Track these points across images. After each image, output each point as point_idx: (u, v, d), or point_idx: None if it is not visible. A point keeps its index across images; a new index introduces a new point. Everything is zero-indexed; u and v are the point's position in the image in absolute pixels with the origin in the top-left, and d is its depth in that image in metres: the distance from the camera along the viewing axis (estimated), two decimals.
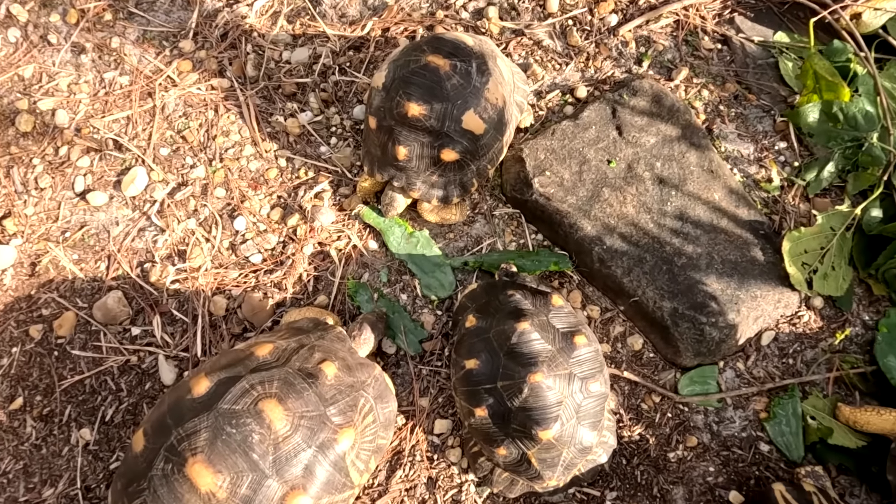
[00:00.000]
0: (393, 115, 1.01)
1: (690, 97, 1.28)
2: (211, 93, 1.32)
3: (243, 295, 1.15)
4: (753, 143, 1.25)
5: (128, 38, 1.39)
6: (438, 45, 1.00)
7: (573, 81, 1.31)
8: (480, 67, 1.01)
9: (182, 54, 1.36)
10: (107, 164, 1.26)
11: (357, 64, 1.34)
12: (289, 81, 1.32)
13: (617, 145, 1.19)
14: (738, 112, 1.27)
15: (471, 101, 0.99)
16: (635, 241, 1.11)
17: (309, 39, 1.38)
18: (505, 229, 1.21)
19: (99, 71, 1.35)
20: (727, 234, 1.12)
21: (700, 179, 1.17)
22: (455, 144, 1.01)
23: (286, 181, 1.25)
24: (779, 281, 1.09)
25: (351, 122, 1.30)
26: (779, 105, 1.28)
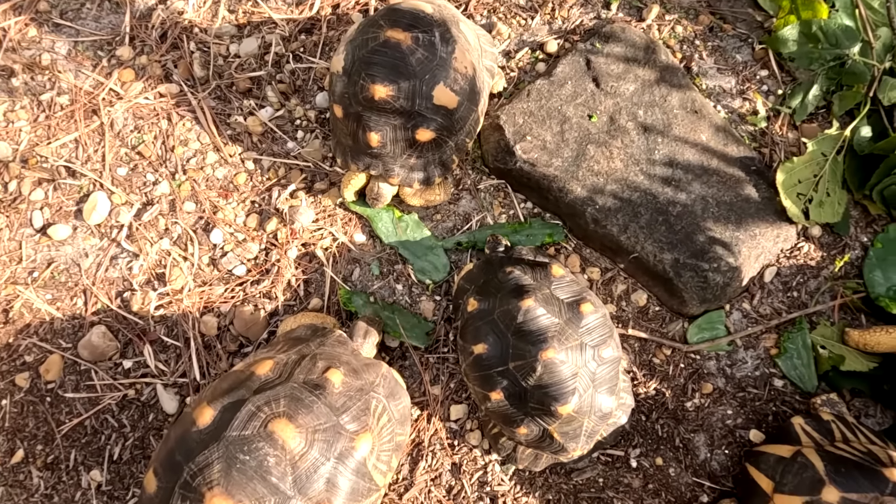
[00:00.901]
0: (359, 100, 0.95)
1: (665, 36, 1.23)
2: (160, 101, 1.23)
3: (233, 310, 1.10)
4: (734, 75, 1.20)
5: (58, 52, 1.28)
6: (396, 18, 0.93)
7: (541, 36, 1.24)
8: (444, 36, 0.94)
9: (121, 63, 1.26)
10: (63, 193, 1.18)
11: (311, 48, 1.26)
12: (242, 77, 1.23)
13: (596, 98, 1.14)
14: (715, 45, 1.22)
15: (439, 74, 0.93)
16: (627, 197, 1.07)
17: (255, 28, 1.29)
18: (493, 202, 1.17)
19: (34, 93, 1.25)
20: (719, 175, 1.09)
21: (685, 122, 1.12)
22: (429, 122, 0.96)
23: (257, 184, 1.18)
24: (776, 216, 1.07)
25: (315, 112, 1.22)
26: (756, 32, 1.23)
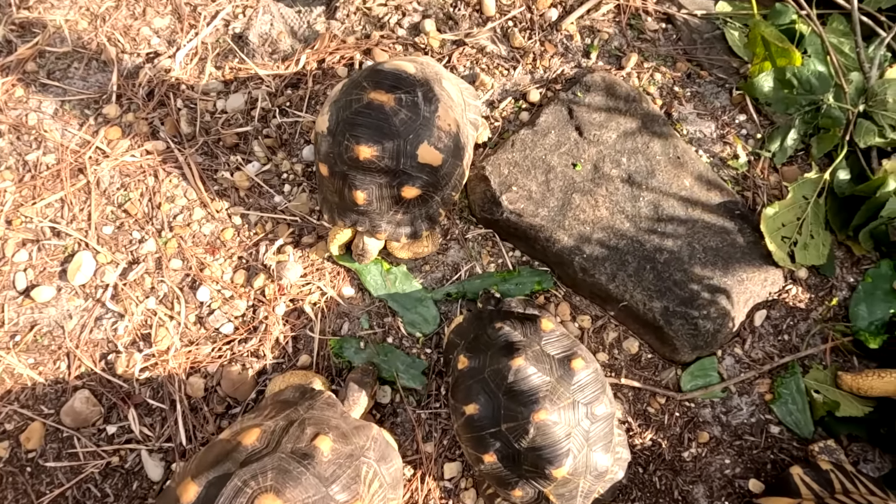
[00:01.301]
0: (343, 159, 0.95)
1: (644, 83, 1.25)
2: (147, 158, 1.23)
3: (220, 370, 1.08)
4: (713, 120, 1.22)
5: (45, 112, 1.28)
6: (379, 80, 0.94)
7: (524, 85, 1.26)
8: (427, 95, 0.95)
9: (108, 121, 1.27)
10: (47, 254, 1.17)
11: (297, 102, 1.27)
12: (228, 132, 1.24)
13: (579, 147, 1.15)
14: (694, 91, 1.25)
15: (423, 133, 0.94)
16: (614, 245, 1.08)
17: (242, 83, 1.30)
18: (481, 251, 1.16)
19: (20, 154, 1.25)
20: (704, 220, 1.10)
21: (668, 169, 1.14)
22: (414, 180, 0.96)
23: (244, 240, 1.18)
24: (762, 259, 1.08)
25: (302, 165, 1.23)
26: (732, 77, 1.26)
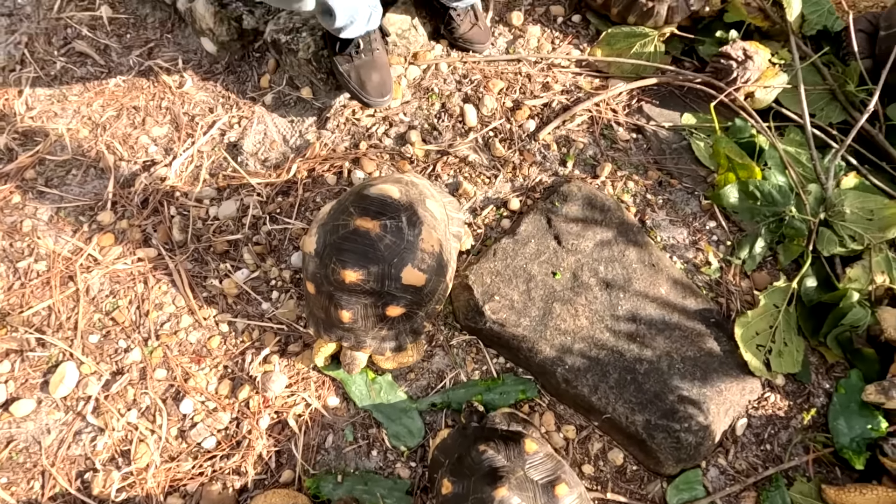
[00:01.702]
0: (330, 280, 0.98)
1: (618, 192, 1.32)
2: (138, 265, 1.26)
3: (200, 490, 1.06)
4: (686, 227, 1.29)
5: (40, 218, 1.32)
6: (365, 205, 0.99)
7: (505, 193, 1.33)
8: (411, 219, 1.00)
9: (102, 228, 1.30)
10: (30, 365, 1.17)
11: (287, 209, 1.32)
12: (219, 240, 1.28)
13: (558, 255, 1.20)
14: (666, 198, 1.32)
15: (407, 256, 0.98)
16: (595, 356, 1.10)
17: (234, 191, 1.35)
18: (465, 358, 1.18)
19: (12, 261, 1.27)
20: (681, 329, 1.14)
21: (644, 276, 1.19)
22: (398, 300, 0.99)
23: (231, 348, 1.19)
24: (739, 369, 1.11)
25: (290, 272, 1.26)
26: (700, 185, 1.33)
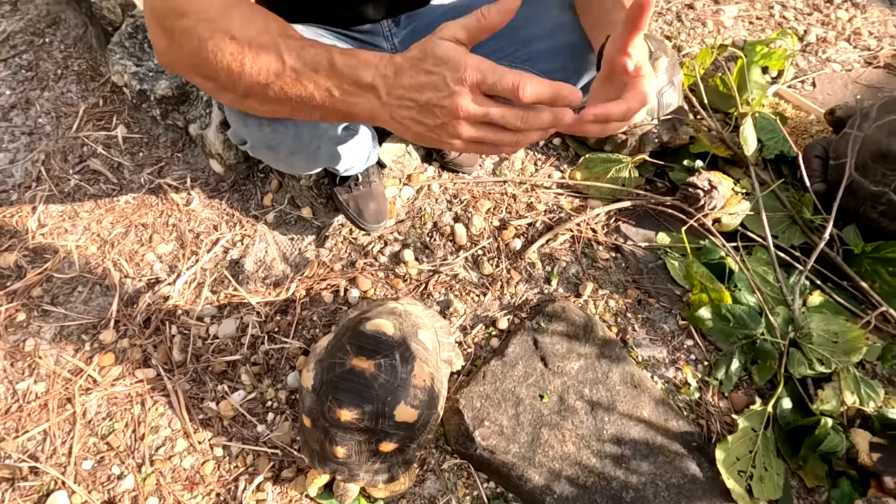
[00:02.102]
0: (326, 418, 1.02)
1: (600, 311, 1.40)
2: (136, 385, 1.29)
3: None
4: (665, 345, 1.36)
5: (43, 337, 1.36)
6: (361, 344, 1.05)
7: (493, 311, 1.40)
8: (404, 355, 1.06)
9: (103, 347, 1.34)
10: (21, 494, 1.16)
11: (285, 328, 1.38)
12: (218, 360, 1.32)
13: (545, 378, 1.25)
14: (645, 317, 1.40)
15: (400, 394, 1.02)
16: (583, 483, 1.13)
17: (235, 308, 1.41)
18: (457, 482, 1.20)
19: (11, 382, 1.29)
20: (664, 453, 1.18)
21: (627, 398, 1.24)
22: (392, 437, 1.03)
23: (224, 474, 1.20)
24: (722, 496, 1.14)
25: (286, 393, 1.29)
26: (677, 305, 1.42)
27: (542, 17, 1.03)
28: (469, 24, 0.53)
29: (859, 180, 1.46)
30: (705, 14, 2.19)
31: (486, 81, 0.51)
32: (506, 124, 0.53)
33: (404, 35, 1.17)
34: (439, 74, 0.53)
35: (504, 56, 1.08)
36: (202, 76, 0.68)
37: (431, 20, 1.16)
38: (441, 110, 0.54)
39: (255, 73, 0.63)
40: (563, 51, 1.02)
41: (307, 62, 0.62)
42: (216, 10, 0.65)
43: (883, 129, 1.45)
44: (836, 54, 2.11)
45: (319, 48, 0.62)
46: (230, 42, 0.63)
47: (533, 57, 1.05)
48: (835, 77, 2.01)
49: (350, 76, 0.60)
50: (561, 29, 1.01)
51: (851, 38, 2.17)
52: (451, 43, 0.53)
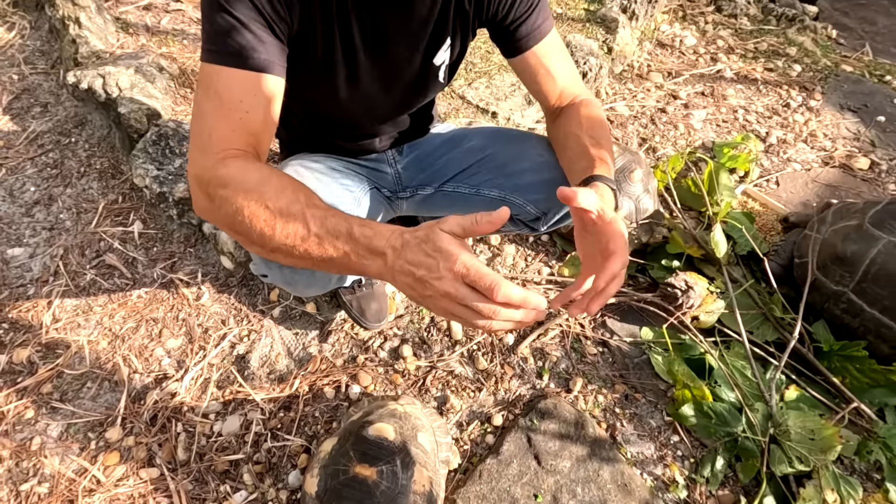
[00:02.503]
0: None
1: (590, 406, 1.47)
2: (139, 486, 1.31)
3: None
4: (652, 441, 1.42)
5: (50, 435, 1.39)
6: (364, 451, 1.11)
7: (488, 407, 1.46)
8: (405, 461, 1.11)
9: (109, 445, 1.37)
10: None
11: (288, 424, 1.42)
12: (221, 459, 1.35)
13: (539, 476, 1.30)
14: (632, 412, 1.46)
15: (401, 501, 1.07)
16: None
17: (239, 405, 1.46)
18: None
19: (15, 483, 1.31)
20: None
21: (618, 497, 1.28)
22: None
23: None
24: None
25: (287, 493, 1.32)
26: (662, 400, 1.49)
27: (528, 154, 1.18)
28: (465, 224, 0.65)
29: (821, 279, 1.59)
30: (677, 118, 2.42)
31: (469, 276, 0.62)
32: (479, 311, 0.63)
33: (406, 162, 1.31)
34: (435, 260, 0.64)
35: (495, 185, 1.22)
36: (235, 232, 0.80)
37: (431, 149, 1.31)
38: (430, 287, 0.65)
39: (283, 236, 0.75)
40: (548, 185, 1.16)
41: (329, 230, 0.73)
42: (253, 183, 0.77)
43: (838, 234, 1.60)
44: (795, 154, 2.32)
45: (340, 218, 0.74)
46: (264, 210, 0.75)
47: (521, 188, 1.19)
48: (796, 176, 2.21)
49: (365, 244, 0.71)
50: (544, 166, 1.16)
51: (808, 139, 2.40)
52: (450, 236, 0.65)
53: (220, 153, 0.80)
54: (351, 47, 0.95)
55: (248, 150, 0.82)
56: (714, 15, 3.15)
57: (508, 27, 1.04)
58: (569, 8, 2.81)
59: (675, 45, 2.88)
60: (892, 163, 2.31)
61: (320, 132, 1.20)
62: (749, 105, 2.55)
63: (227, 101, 0.80)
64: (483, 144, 1.26)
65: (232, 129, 0.81)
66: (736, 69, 2.76)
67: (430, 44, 1.01)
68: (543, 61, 1.07)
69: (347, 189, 1.14)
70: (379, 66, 1.01)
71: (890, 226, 1.53)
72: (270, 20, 0.81)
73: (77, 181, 1.99)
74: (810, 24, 3.17)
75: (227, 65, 0.80)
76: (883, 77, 2.87)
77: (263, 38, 0.81)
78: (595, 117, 1.07)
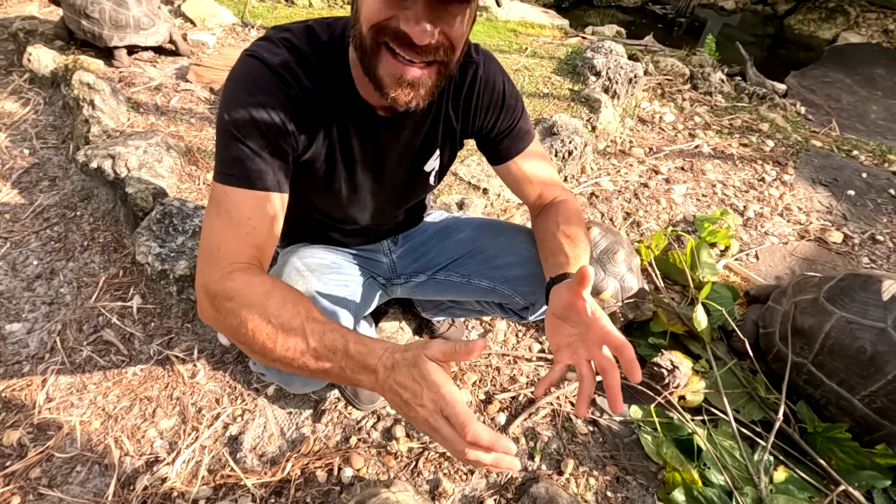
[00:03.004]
0: None
1: (581, 489, 1.48)
2: None
3: None
4: None
5: None
6: None
7: (480, 490, 1.46)
8: None
9: None
10: None
11: None
12: None
13: None
14: (624, 496, 1.47)
15: None
16: None
17: (230, 489, 1.45)
18: None
19: None
20: None
21: None
22: None
23: None
24: None
25: None
26: (653, 482, 1.50)
27: (515, 249, 1.26)
28: (447, 351, 0.71)
29: (783, 350, 1.66)
30: (659, 192, 2.55)
31: (446, 410, 0.68)
32: (453, 445, 0.68)
33: (401, 252, 1.39)
34: (420, 386, 0.70)
35: (485, 276, 1.29)
36: (239, 343, 0.84)
37: (424, 239, 1.39)
38: (414, 410, 0.71)
39: (284, 350, 0.80)
40: (535, 279, 1.23)
41: (327, 345, 0.78)
42: (257, 297, 0.83)
43: (797, 307, 1.68)
44: (772, 227, 2.44)
45: (337, 334, 0.79)
46: (267, 324, 0.80)
47: (510, 280, 1.26)
48: (774, 249, 2.31)
49: (360, 360, 0.76)
50: (530, 261, 1.23)
51: (784, 212, 2.53)
52: (435, 365, 0.70)
53: (227, 266, 0.86)
54: (350, 162, 1.04)
55: (252, 262, 0.88)
56: (691, 92, 3.38)
57: (493, 139, 1.14)
58: (555, 88, 3.01)
59: (655, 121, 3.07)
60: (864, 236, 2.43)
61: (320, 226, 1.27)
62: (727, 179, 2.69)
63: (237, 219, 0.87)
64: (473, 236, 1.34)
65: (239, 244, 0.87)
66: (713, 144, 2.93)
67: (420, 155, 1.11)
68: (524, 169, 1.17)
69: (345, 284, 1.20)
70: (375, 176, 1.10)
71: (842, 301, 1.60)
72: (278, 147, 0.89)
73: (80, 255, 2.04)
74: (780, 102, 3.39)
75: (238, 186, 0.88)
76: (850, 152, 3.05)
77: (271, 162, 0.89)
78: (572, 217, 1.15)
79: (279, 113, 0.88)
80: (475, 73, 1.03)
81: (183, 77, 2.62)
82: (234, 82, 0.87)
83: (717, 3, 5.88)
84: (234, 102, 0.86)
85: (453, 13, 0.77)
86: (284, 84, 0.88)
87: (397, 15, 0.76)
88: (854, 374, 1.52)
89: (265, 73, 0.86)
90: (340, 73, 0.92)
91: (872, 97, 3.88)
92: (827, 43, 5.03)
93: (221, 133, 0.88)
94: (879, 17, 5.25)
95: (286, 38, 0.90)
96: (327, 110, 0.95)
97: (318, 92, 0.92)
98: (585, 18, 5.25)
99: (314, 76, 0.91)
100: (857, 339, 1.52)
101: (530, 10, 4.23)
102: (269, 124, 0.87)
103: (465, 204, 2.09)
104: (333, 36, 0.92)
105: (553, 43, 3.62)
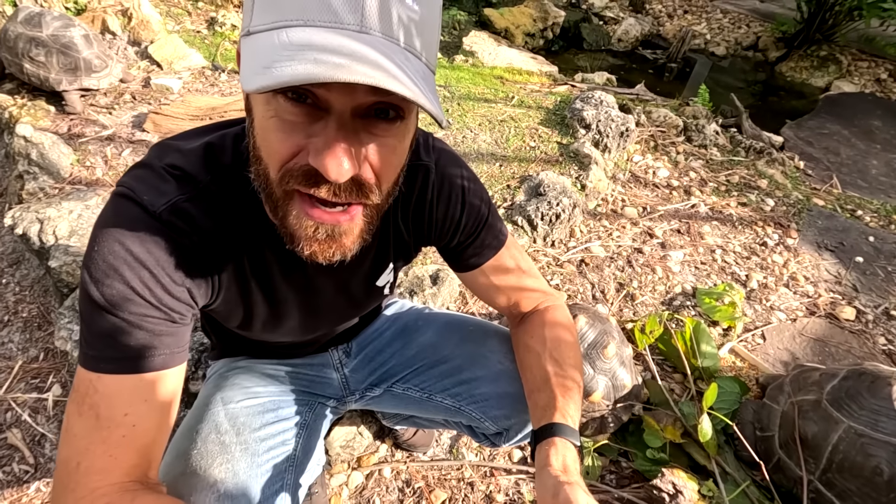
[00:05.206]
0: None
1: None
2: None
3: None
4: None
5: None
6: None
7: None
8: None
9: None
10: None
11: None
12: None
13: None
14: None
15: None
16: None
17: None
18: None
19: None
20: None
21: None
22: None
23: None
24: None
25: None
26: None
27: (486, 360, 1.03)
28: None
29: (785, 461, 1.43)
30: (654, 259, 2.34)
31: None
32: None
33: (354, 364, 1.15)
34: None
35: (448, 393, 1.05)
36: None
37: (381, 346, 1.16)
38: None
39: None
40: (509, 400, 1.00)
41: None
42: None
43: (797, 410, 1.45)
44: (778, 300, 2.23)
45: None
46: None
47: (478, 400, 1.02)
48: (782, 328, 2.10)
49: None
50: (503, 376, 1.00)
51: (790, 283, 2.33)
52: None
53: (87, 494, 0.61)
54: (275, 303, 0.83)
55: (127, 479, 0.64)
56: (685, 145, 3.23)
57: (454, 249, 0.93)
58: (542, 141, 2.84)
59: (648, 176, 2.89)
60: (877, 311, 2.22)
61: (254, 341, 1.04)
62: (726, 244, 2.50)
63: (107, 418, 0.62)
64: (436, 341, 1.11)
65: (110, 455, 0.63)
66: (710, 203, 2.75)
67: (371, 275, 0.90)
68: (492, 279, 0.96)
69: (283, 440, 0.95)
70: (311, 309, 0.89)
71: (848, 407, 1.38)
72: (168, 311, 0.66)
73: None
74: (778, 157, 3.25)
75: (110, 372, 0.64)
76: (854, 212, 2.89)
77: (160, 330, 0.66)
78: (559, 330, 0.94)
79: (167, 271, 0.65)
80: (425, 178, 0.83)
81: (139, 126, 2.42)
82: (103, 236, 0.62)
83: (708, 49, 5.86)
84: (102, 265, 0.62)
85: (379, 135, 0.56)
86: (174, 232, 0.65)
87: (305, 146, 0.55)
88: (871, 499, 1.29)
89: (146, 222, 0.63)
90: (251, 202, 0.70)
91: (871, 150, 3.76)
92: (820, 91, 4.97)
93: (86, 304, 0.64)
94: (871, 65, 5.21)
95: (175, 166, 0.67)
96: (236, 250, 0.73)
97: (222, 230, 0.70)
98: (576, 61, 5.17)
99: (214, 212, 0.68)
100: (871, 458, 1.29)
101: (518, 56, 4.12)
102: (153, 289, 0.64)
103: (439, 278, 1.87)
104: (240, 152, 0.70)
105: (541, 91, 3.48)
